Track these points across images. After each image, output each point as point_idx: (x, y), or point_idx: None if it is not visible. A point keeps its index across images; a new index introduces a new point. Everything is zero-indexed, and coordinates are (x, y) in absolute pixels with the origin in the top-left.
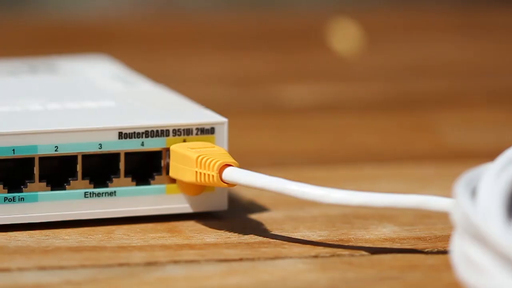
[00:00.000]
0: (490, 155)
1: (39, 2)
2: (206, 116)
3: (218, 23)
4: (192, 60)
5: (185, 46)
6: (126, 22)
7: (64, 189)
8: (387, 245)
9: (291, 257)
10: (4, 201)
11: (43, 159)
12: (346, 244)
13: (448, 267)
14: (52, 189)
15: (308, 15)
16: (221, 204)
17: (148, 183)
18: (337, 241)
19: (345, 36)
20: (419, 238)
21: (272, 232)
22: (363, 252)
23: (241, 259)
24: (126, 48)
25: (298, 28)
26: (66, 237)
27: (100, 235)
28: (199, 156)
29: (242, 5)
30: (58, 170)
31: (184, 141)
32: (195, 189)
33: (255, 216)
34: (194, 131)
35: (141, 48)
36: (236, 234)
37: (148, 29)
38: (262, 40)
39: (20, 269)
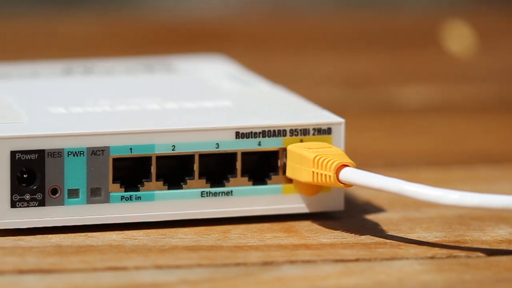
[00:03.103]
0: None
1: (157, 2)
2: (323, 117)
3: (331, 24)
4: (305, 60)
5: (299, 46)
6: (242, 22)
7: (181, 188)
8: (504, 246)
9: (407, 258)
10: (121, 200)
11: (160, 158)
12: (463, 245)
13: None
14: (169, 188)
15: (421, 16)
16: (337, 204)
17: (264, 183)
18: (453, 242)
19: (458, 37)
20: None
21: (389, 233)
22: (480, 254)
23: (357, 260)
24: (241, 48)
25: (411, 28)
26: (182, 236)
27: (217, 235)
28: (316, 156)
29: (356, 5)
30: (175, 169)
31: (301, 141)
32: (311, 189)
33: (371, 217)
34: (311, 131)
35: (256, 48)
36: (352, 234)
37: (263, 29)
38: (375, 40)
39: (137, 268)
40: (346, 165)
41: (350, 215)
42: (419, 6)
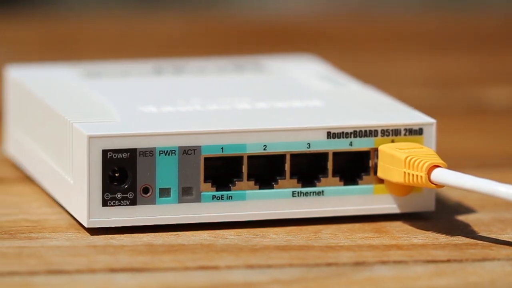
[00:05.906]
0: None
1: (248, 1)
2: (414, 117)
3: (419, 24)
4: (394, 60)
5: (387, 47)
6: (330, 22)
7: (272, 188)
8: None
9: (499, 259)
10: (212, 199)
11: (251, 158)
12: None
13: None
14: (260, 188)
15: (510, 16)
16: (428, 204)
17: (355, 183)
18: None
19: None
20: None
21: (480, 234)
22: None
23: (448, 260)
24: (331, 48)
25: (500, 28)
26: (273, 236)
27: (308, 234)
28: (407, 157)
29: (444, 5)
30: (266, 169)
31: (392, 141)
32: (403, 190)
33: (462, 218)
34: (403, 132)
35: (346, 48)
36: (443, 235)
37: (352, 29)
38: (465, 41)
39: (229, 267)
40: (438, 166)
41: (441, 215)
42: (508, 6)
